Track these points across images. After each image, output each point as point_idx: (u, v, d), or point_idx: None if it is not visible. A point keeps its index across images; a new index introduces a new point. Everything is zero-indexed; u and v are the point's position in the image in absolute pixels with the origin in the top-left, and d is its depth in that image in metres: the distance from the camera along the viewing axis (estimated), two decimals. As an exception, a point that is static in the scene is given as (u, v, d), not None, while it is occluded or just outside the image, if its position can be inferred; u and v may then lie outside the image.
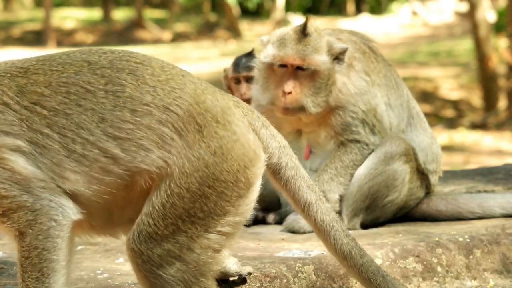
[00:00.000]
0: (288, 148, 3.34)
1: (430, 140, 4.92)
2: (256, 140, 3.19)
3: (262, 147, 3.21)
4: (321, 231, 3.31)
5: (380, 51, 4.95)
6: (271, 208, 4.90)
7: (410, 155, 4.73)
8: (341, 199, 4.70)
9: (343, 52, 4.70)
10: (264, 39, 4.79)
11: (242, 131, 3.14)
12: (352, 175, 4.69)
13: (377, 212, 4.72)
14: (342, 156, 4.69)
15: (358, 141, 4.70)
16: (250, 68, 5.18)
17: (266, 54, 4.70)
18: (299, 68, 4.64)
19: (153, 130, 3.03)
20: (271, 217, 4.88)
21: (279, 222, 4.83)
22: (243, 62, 5.26)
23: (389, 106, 4.82)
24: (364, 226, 4.74)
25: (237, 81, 5.26)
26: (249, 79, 5.21)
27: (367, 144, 4.70)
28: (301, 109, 4.64)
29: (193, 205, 3.03)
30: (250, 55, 5.29)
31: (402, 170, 4.70)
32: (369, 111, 4.71)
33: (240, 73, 5.23)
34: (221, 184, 3.06)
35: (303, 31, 4.65)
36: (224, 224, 3.08)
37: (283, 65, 4.66)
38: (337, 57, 4.71)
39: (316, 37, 4.66)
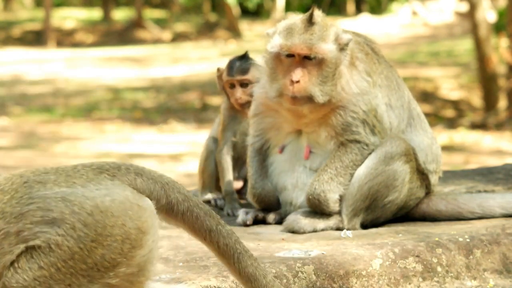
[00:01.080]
0: (173, 182, 3.29)
1: (430, 141, 4.91)
2: (135, 193, 3.13)
3: (144, 197, 3.15)
4: (225, 255, 3.27)
5: (382, 53, 4.95)
6: (271, 208, 4.89)
7: (410, 155, 4.73)
8: (341, 199, 4.70)
9: (348, 42, 4.70)
10: (270, 31, 4.78)
11: (116, 190, 3.09)
12: (352, 175, 4.69)
13: (377, 212, 4.72)
14: (342, 156, 4.68)
15: (358, 142, 4.69)
16: (244, 72, 5.15)
17: (273, 44, 4.68)
18: (306, 57, 4.62)
19: (12, 237, 2.99)
20: (271, 217, 4.88)
21: (279, 222, 4.83)
22: (237, 65, 5.21)
23: (390, 106, 4.81)
24: (364, 226, 4.74)
25: (232, 86, 5.22)
26: (243, 83, 5.18)
27: (367, 145, 4.70)
28: (309, 98, 4.62)
29: (72, 257, 2.98)
30: (244, 57, 5.25)
31: (402, 170, 4.70)
32: (370, 111, 4.70)
33: (234, 77, 5.19)
34: (107, 238, 3.02)
35: (309, 20, 4.64)
36: (113, 276, 3.02)
37: (290, 55, 4.64)
38: (343, 48, 4.70)
39: (323, 26, 4.65)
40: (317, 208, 4.67)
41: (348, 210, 4.68)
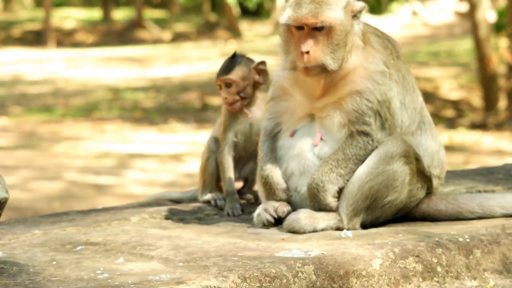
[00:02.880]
0: None
1: (438, 147, 4.90)
2: None
3: None
4: None
5: (402, 52, 4.91)
6: (276, 195, 4.86)
7: (410, 157, 4.71)
8: (340, 195, 4.68)
9: (362, 10, 4.68)
10: (285, 5, 4.80)
11: None
12: (353, 170, 4.67)
13: (377, 212, 4.72)
14: (346, 149, 4.68)
15: (366, 134, 4.68)
16: (226, 72, 5.18)
17: (283, 16, 4.70)
18: (316, 28, 4.62)
19: None
20: (280, 210, 4.85)
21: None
22: (223, 67, 5.25)
23: (404, 105, 4.80)
24: (364, 226, 4.73)
25: (220, 87, 5.25)
26: (227, 84, 5.20)
27: (373, 140, 4.68)
28: (322, 67, 4.62)
29: None
30: (233, 58, 5.27)
31: (402, 171, 4.69)
32: (384, 102, 4.69)
33: (218, 77, 5.23)
34: None
35: None
36: None
37: (300, 27, 4.64)
38: (356, 16, 4.68)
39: None
40: (315, 199, 4.66)
41: (349, 209, 4.67)
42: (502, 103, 21.30)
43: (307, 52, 4.60)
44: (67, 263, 4.08)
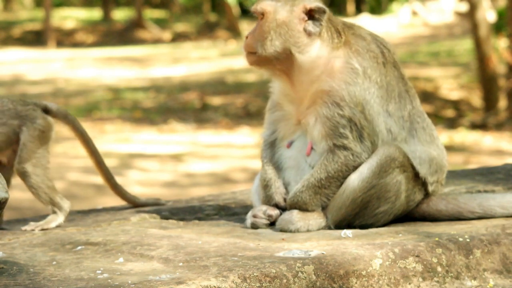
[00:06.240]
0: None
1: (436, 152, 4.81)
2: None
3: None
4: None
5: (394, 61, 4.76)
6: (273, 198, 4.85)
7: (405, 165, 4.65)
8: (326, 207, 4.68)
9: (319, 11, 4.62)
10: None
11: None
12: (337, 186, 4.63)
13: (366, 220, 4.67)
14: (328, 167, 4.62)
15: (346, 148, 4.60)
16: None
17: None
18: (261, 18, 4.70)
19: None
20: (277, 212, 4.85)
21: (280, 221, 4.81)
22: None
23: (387, 112, 4.68)
24: (363, 226, 4.72)
25: None
26: None
27: (353, 154, 4.61)
28: (255, 54, 4.69)
29: None
30: None
31: (397, 182, 4.62)
32: (356, 106, 4.57)
33: None
34: None
35: None
36: None
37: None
38: (312, 16, 4.64)
39: None
40: (299, 209, 4.68)
41: (339, 218, 4.65)
42: (502, 103, 21.31)
43: (246, 38, 4.73)
44: (67, 263, 4.08)
